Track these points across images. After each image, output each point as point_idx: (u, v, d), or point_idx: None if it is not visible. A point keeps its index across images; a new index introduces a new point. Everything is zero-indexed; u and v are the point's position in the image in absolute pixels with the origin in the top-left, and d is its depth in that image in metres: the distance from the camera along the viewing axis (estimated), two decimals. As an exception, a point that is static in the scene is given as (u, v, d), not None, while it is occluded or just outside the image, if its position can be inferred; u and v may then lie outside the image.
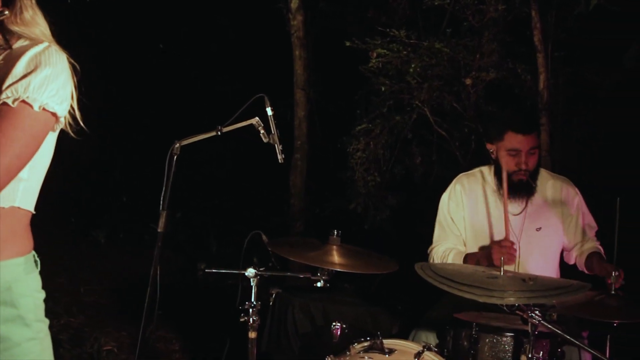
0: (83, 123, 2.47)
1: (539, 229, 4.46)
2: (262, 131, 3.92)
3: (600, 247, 4.48)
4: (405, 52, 6.78)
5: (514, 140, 4.32)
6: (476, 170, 4.67)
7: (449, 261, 4.41)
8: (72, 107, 2.42)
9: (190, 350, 5.96)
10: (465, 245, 4.55)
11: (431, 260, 4.53)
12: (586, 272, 4.41)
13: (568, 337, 3.38)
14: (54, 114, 2.31)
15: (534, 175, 4.42)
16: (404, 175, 7.49)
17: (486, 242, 4.47)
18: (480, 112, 6.92)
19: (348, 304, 4.38)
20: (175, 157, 3.87)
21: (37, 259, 2.45)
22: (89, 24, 10.02)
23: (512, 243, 4.20)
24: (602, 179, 6.34)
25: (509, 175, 4.37)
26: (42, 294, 2.46)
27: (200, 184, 9.93)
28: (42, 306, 2.46)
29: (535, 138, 4.36)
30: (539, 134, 4.42)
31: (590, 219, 4.59)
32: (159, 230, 3.91)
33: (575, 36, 6.71)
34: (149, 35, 10.46)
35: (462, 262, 4.34)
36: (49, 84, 2.27)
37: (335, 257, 3.84)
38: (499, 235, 4.43)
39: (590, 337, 4.16)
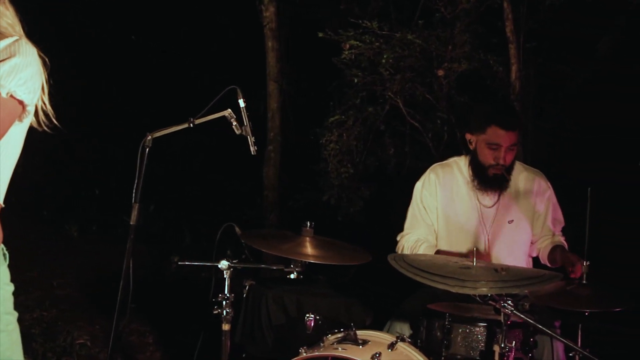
0: (55, 117, 2.45)
1: (511, 222, 4.47)
2: (234, 123, 3.90)
3: (564, 242, 4.49)
4: (377, 44, 6.78)
5: (496, 134, 4.31)
6: (451, 160, 4.66)
7: (421, 249, 4.42)
8: (43, 101, 2.40)
9: (163, 343, 5.93)
10: (437, 235, 4.55)
11: (401, 248, 4.53)
12: (549, 265, 4.43)
13: (540, 326, 3.39)
14: (21, 102, 2.29)
15: (509, 169, 4.43)
16: (377, 167, 7.49)
17: (459, 232, 4.48)
18: (453, 103, 6.93)
19: (322, 295, 4.36)
20: (147, 149, 3.85)
21: (6, 252, 2.43)
22: (61, 18, 9.94)
23: (489, 256, 4.23)
24: (573, 170, 6.38)
25: (485, 168, 4.38)
26: (11, 287, 2.44)
27: (173, 177, 9.88)
28: (10, 299, 2.43)
29: (517, 135, 4.36)
30: (520, 131, 4.42)
31: (558, 214, 4.60)
32: (131, 223, 3.89)
33: (547, 27, 6.73)
34: (121, 28, 10.39)
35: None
36: (18, 73, 2.26)
37: (309, 249, 3.83)
38: (471, 226, 4.44)
39: (562, 327, 4.18)
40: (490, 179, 4.40)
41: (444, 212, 4.53)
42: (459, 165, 4.58)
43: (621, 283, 4.04)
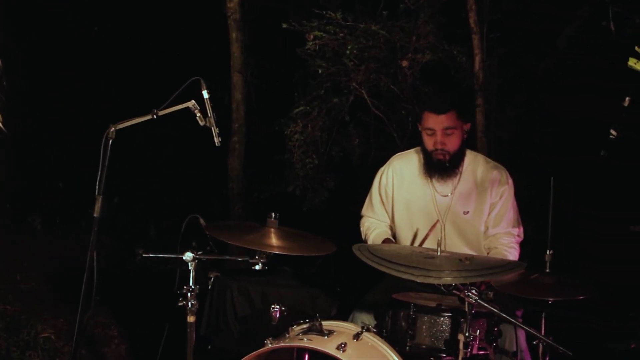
0: (9, 112, 2.42)
1: (466, 213, 4.47)
2: (198, 114, 3.87)
3: (508, 250, 4.42)
4: (342, 35, 6.78)
5: (429, 119, 4.37)
6: (412, 150, 4.68)
7: (370, 240, 4.51)
8: None
9: (128, 335, 5.89)
10: (394, 223, 4.57)
11: (361, 227, 4.67)
12: None
13: (504, 315, 3.41)
14: None
15: (456, 156, 4.42)
16: (341, 157, 7.50)
17: (414, 220, 4.49)
18: (417, 94, 6.95)
19: (287, 286, 4.36)
20: (110, 141, 3.81)
21: None
22: (23, 9, 9.82)
23: None
24: (537, 159, 6.42)
25: (429, 155, 4.40)
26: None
27: (138, 169, 9.81)
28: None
29: (452, 118, 4.35)
30: (459, 114, 4.41)
31: (511, 213, 4.51)
32: (94, 215, 3.85)
33: (511, 18, 6.77)
34: (83, 19, 10.28)
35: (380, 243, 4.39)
36: None
37: (273, 240, 3.82)
38: (427, 215, 4.45)
39: (525, 315, 4.21)
40: (435, 165, 4.42)
41: (401, 201, 4.55)
42: (419, 155, 4.60)
43: (583, 271, 4.07)
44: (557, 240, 3.87)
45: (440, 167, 4.42)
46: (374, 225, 4.63)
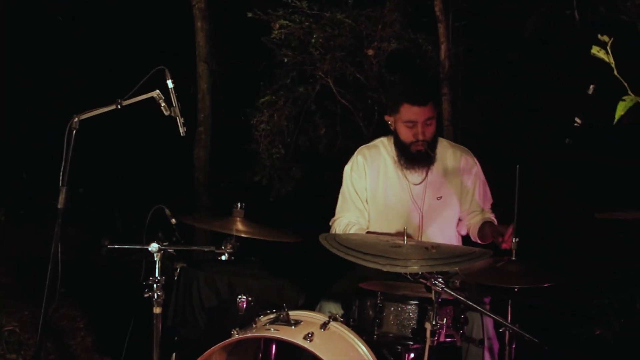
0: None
1: (439, 198, 4.50)
2: (163, 104, 3.85)
3: (494, 219, 4.54)
4: (307, 23, 6.76)
5: (409, 112, 4.34)
6: (377, 141, 4.68)
7: (352, 232, 4.41)
8: None
9: (94, 327, 5.87)
10: (369, 217, 4.57)
11: (339, 227, 4.53)
12: (479, 241, 4.47)
13: (471, 303, 3.43)
14: None
15: (432, 144, 4.45)
16: (308, 147, 7.48)
17: (391, 212, 4.49)
18: (384, 83, 6.95)
19: (254, 276, 4.35)
20: (74, 131, 3.77)
21: None
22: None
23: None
24: (503, 147, 6.45)
25: (407, 146, 4.40)
26: None
27: (103, 159, 9.74)
28: None
29: (431, 108, 4.37)
30: (435, 104, 4.44)
31: (486, 191, 4.65)
32: (59, 206, 3.81)
33: (476, 6, 6.78)
34: (46, 7, 10.17)
35: None
36: None
37: (240, 227, 3.83)
38: (403, 205, 4.46)
39: (492, 303, 4.23)
40: (414, 156, 4.43)
41: (374, 193, 4.54)
42: (385, 146, 4.60)
43: (549, 259, 4.10)
44: (523, 228, 3.90)
45: (419, 157, 4.43)
46: (353, 221, 4.52)
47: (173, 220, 3.91)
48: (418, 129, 4.34)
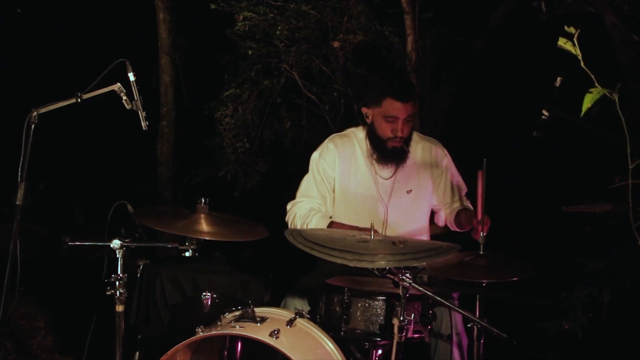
0: None
1: (409, 192, 4.52)
2: (124, 97, 3.83)
3: (469, 206, 4.56)
4: (272, 15, 6.74)
5: (392, 107, 4.33)
6: (349, 131, 4.67)
7: (313, 223, 4.38)
8: None
9: (55, 326, 5.82)
10: (334, 206, 4.56)
11: (292, 216, 4.50)
12: (457, 230, 4.50)
13: (439, 298, 3.44)
14: None
15: (407, 141, 4.46)
16: (273, 141, 7.46)
17: (357, 203, 4.49)
18: (350, 75, 6.95)
19: (218, 273, 4.34)
20: (33, 125, 3.74)
21: None
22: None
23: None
24: (470, 140, 6.47)
25: (384, 142, 4.40)
26: None
27: (64, 153, 9.66)
28: None
29: (413, 106, 4.38)
30: (415, 102, 4.45)
31: (459, 180, 4.68)
32: (17, 202, 3.78)
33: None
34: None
35: (325, 227, 4.33)
36: None
37: (204, 226, 3.81)
38: (369, 197, 4.47)
39: (460, 298, 4.25)
40: (389, 152, 4.43)
41: (341, 182, 4.53)
42: (357, 136, 4.59)
43: (517, 252, 4.12)
44: (491, 222, 3.92)
45: (394, 153, 4.43)
46: (315, 208, 4.50)
47: (130, 208, 3.89)
48: (398, 125, 4.33)
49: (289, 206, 4.57)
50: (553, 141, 4.18)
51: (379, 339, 3.64)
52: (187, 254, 3.84)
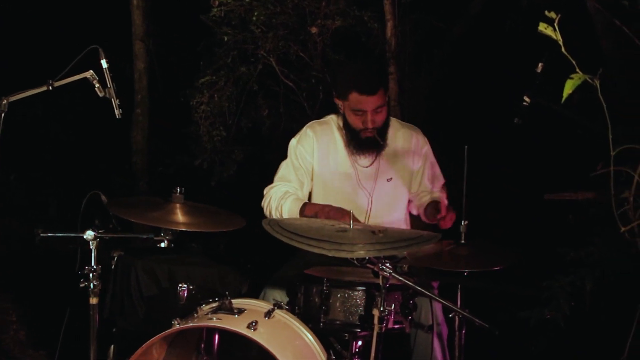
0: None
1: (389, 180, 4.53)
2: (97, 85, 3.82)
3: (444, 199, 4.56)
4: (248, 0, 6.72)
5: (358, 100, 4.32)
6: (328, 117, 4.67)
7: (287, 205, 4.37)
8: None
9: (28, 320, 5.81)
10: (312, 193, 4.57)
11: (268, 199, 4.50)
12: (428, 221, 4.51)
13: (419, 288, 3.45)
14: None
15: (382, 130, 4.45)
16: (250, 128, 7.44)
17: (336, 191, 4.50)
18: (328, 62, 6.95)
19: (195, 264, 4.32)
20: (2, 114, 3.72)
21: None
22: None
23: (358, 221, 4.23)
24: (451, 126, 6.49)
25: (357, 133, 4.40)
26: None
27: (35, 143, 9.60)
28: None
29: (381, 96, 4.34)
30: (385, 90, 4.42)
31: (437, 170, 4.69)
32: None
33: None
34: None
35: (299, 209, 4.32)
36: None
37: (179, 216, 3.81)
38: (349, 185, 4.47)
39: (441, 287, 4.27)
40: (364, 142, 4.43)
41: (320, 169, 4.54)
42: (336, 124, 4.60)
43: (499, 241, 4.14)
44: (472, 211, 3.93)
45: (369, 143, 4.43)
46: (291, 192, 4.48)
47: (104, 198, 3.88)
48: (367, 117, 4.33)
49: (265, 190, 4.57)
50: (534, 128, 4.19)
51: (359, 330, 3.65)
52: (162, 244, 3.83)
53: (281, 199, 4.42)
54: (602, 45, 4.82)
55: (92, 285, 3.72)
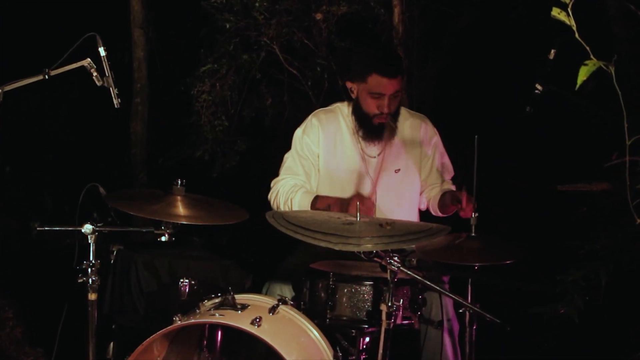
0: None
1: (397, 171, 4.53)
2: (95, 74, 3.82)
3: (453, 189, 4.57)
4: (250, -15, 6.72)
5: (378, 83, 4.33)
6: (334, 106, 4.68)
7: (297, 199, 4.39)
8: None
9: (25, 316, 5.81)
10: (318, 183, 4.57)
11: (275, 193, 4.51)
12: (440, 214, 4.51)
13: (429, 283, 3.44)
14: None
15: (395, 117, 4.46)
16: (253, 118, 7.45)
17: (342, 181, 4.50)
18: (333, 49, 6.94)
19: (196, 258, 4.34)
20: (-2, 104, 3.73)
21: None
22: None
23: (373, 203, 4.24)
24: (460, 116, 6.48)
25: (370, 118, 4.40)
26: None
27: (32, 134, 9.61)
28: None
29: (400, 82, 4.37)
30: (402, 77, 4.44)
31: (446, 161, 4.69)
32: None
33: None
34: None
35: (310, 203, 4.34)
36: None
37: (180, 209, 3.80)
38: (355, 176, 4.47)
39: (451, 282, 4.27)
40: (375, 128, 4.44)
41: (326, 159, 4.54)
42: (343, 112, 4.60)
43: (511, 234, 4.13)
44: (482, 203, 3.93)
45: (380, 129, 4.44)
46: (299, 184, 4.50)
47: (102, 191, 3.88)
48: (384, 101, 4.34)
49: (272, 183, 4.59)
50: (543, 118, 4.18)
51: (366, 326, 3.64)
52: (163, 238, 3.83)
53: (290, 192, 4.43)
54: (615, 30, 4.81)
55: (90, 280, 3.72)
